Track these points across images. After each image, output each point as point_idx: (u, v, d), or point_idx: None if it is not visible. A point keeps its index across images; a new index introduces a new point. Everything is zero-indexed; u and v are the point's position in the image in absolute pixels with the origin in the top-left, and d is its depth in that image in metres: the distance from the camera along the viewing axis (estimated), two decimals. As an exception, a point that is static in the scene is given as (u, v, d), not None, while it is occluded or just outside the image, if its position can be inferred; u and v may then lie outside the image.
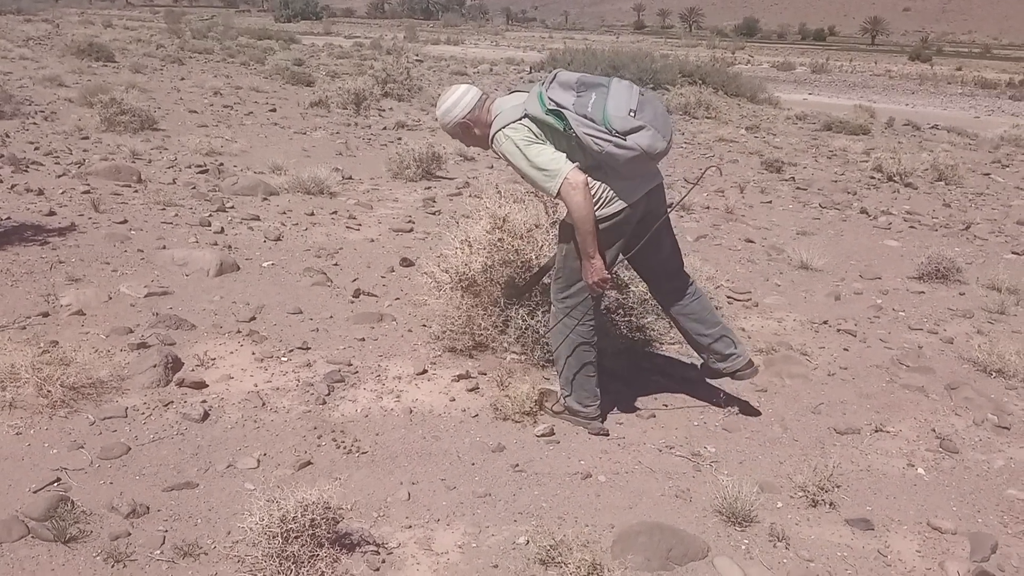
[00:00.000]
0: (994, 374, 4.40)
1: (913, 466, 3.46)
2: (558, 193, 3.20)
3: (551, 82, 3.24)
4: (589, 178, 3.20)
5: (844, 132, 15.12)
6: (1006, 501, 3.24)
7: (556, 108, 3.16)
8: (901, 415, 3.91)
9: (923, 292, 5.84)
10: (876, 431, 3.73)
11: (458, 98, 3.35)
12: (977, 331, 5.09)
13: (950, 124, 19.00)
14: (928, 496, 3.24)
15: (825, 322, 5.08)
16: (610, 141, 3.12)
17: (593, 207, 3.21)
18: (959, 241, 7.49)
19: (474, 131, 3.37)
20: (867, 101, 24.57)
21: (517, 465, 3.25)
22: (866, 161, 11.36)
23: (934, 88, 35.66)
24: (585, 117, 3.14)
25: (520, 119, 3.23)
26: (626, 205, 3.27)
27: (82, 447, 3.14)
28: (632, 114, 3.13)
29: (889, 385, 4.23)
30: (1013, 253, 7.14)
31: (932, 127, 18.08)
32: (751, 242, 6.89)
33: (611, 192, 3.25)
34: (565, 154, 3.21)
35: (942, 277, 6.06)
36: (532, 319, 4.01)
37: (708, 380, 3.97)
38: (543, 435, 3.48)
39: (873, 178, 10.42)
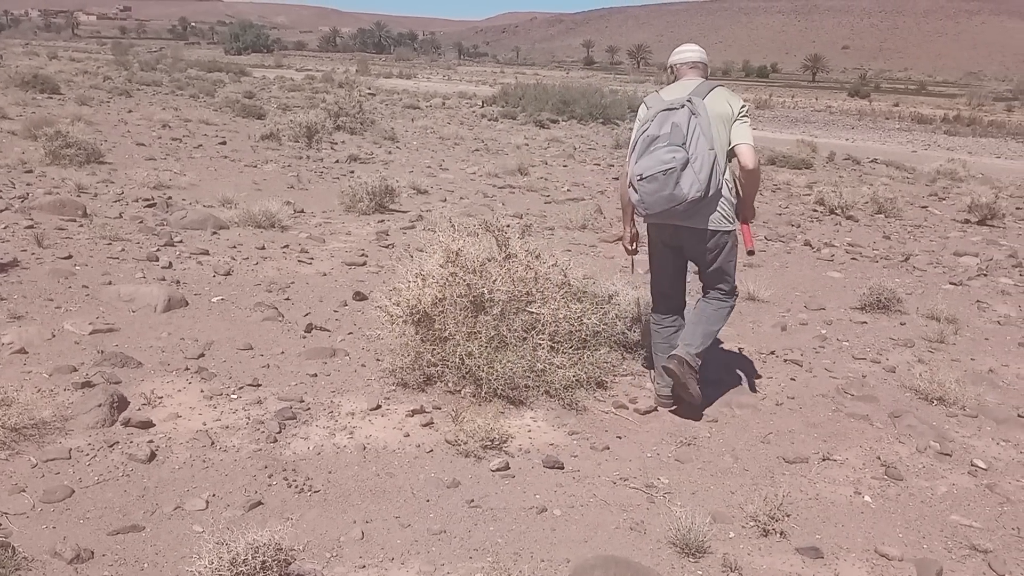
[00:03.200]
0: (935, 402, 4.53)
1: (860, 494, 3.54)
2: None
3: (675, 108, 3.83)
4: None
5: (787, 166, 15.54)
6: (950, 527, 3.32)
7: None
8: (847, 443, 4.00)
9: (866, 322, 6.00)
10: (823, 460, 3.81)
11: (674, 51, 4.18)
12: (918, 360, 5.24)
13: (889, 158, 19.68)
14: (875, 523, 3.31)
15: (772, 352, 5.19)
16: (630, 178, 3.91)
17: (628, 195, 3.99)
18: (899, 272, 7.73)
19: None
20: (809, 136, 25.33)
21: (472, 501, 3.24)
22: (809, 194, 11.69)
23: (873, 123, 36.89)
24: (635, 150, 3.87)
25: (647, 100, 4.05)
26: (642, 220, 4.10)
27: (24, 491, 3.04)
28: (639, 179, 3.79)
29: (835, 414, 4.33)
30: (951, 283, 7.38)
31: (871, 161, 18.69)
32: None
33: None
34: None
35: (883, 307, 6.24)
36: (479, 355, 4.02)
37: (660, 409, 4.17)
38: (498, 469, 3.48)
39: (816, 211, 10.72)
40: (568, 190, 11.12)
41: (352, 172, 10.94)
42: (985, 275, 7.79)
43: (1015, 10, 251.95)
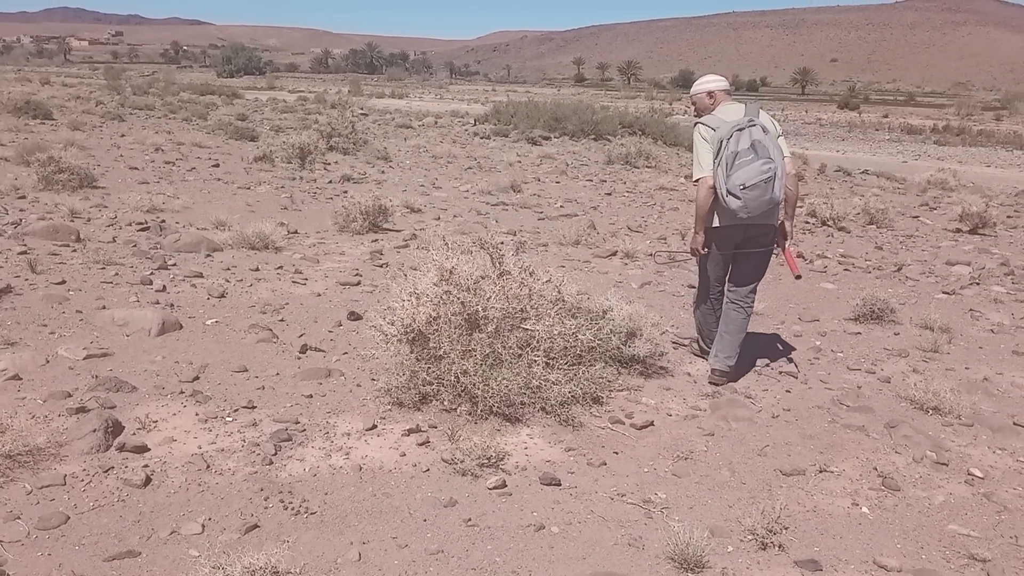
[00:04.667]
0: (931, 411, 4.54)
1: (857, 505, 3.53)
2: (696, 181, 4.61)
3: (744, 127, 4.44)
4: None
5: (780, 179, 15.59)
6: (947, 536, 3.32)
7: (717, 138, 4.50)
8: (844, 455, 4.00)
9: (860, 333, 6.02)
10: (820, 471, 3.81)
11: (704, 81, 4.87)
12: (913, 370, 5.26)
13: (879, 169, 19.81)
14: (873, 535, 3.31)
15: (768, 364, 5.19)
16: (725, 191, 4.44)
17: (708, 205, 4.57)
18: (892, 282, 7.76)
19: (695, 107, 4.83)
20: (800, 148, 25.48)
21: (470, 520, 3.23)
22: (800, 206, 11.73)
23: (863, 135, 37.12)
24: (725, 162, 4.41)
25: (707, 121, 4.63)
26: (719, 225, 4.63)
27: (18, 518, 3.03)
28: (743, 188, 4.36)
29: (831, 425, 4.33)
30: (943, 293, 7.41)
31: (862, 172, 18.80)
32: (694, 287, 7.01)
33: (715, 214, 4.63)
34: (714, 162, 4.50)
35: (877, 318, 6.26)
36: (474, 373, 4.02)
37: (656, 427, 4.16)
38: (495, 487, 3.47)
39: (808, 223, 10.77)
40: (561, 206, 11.15)
41: (345, 192, 10.96)
42: (977, 284, 7.83)
43: (1001, 21, 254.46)
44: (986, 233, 10.78)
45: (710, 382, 4.81)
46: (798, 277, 4.96)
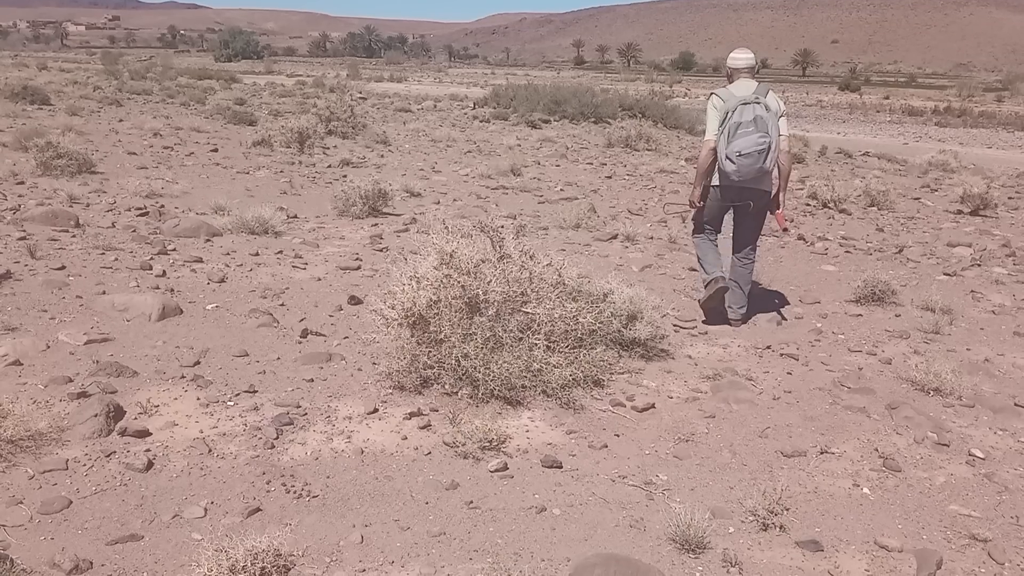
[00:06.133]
0: (932, 393, 4.54)
1: (858, 486, 3.54)
2: (704, 141, 5.36)
3: (750, 103, 5.12)
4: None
5: (780, 161, 15.54)
6: (949, 517, 3.33)
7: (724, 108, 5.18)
8: (845, 436, 4.00)
9: (861, 315, 6.01)
10: (821, 453, 3.81)
11: (731, 57, 5.46)
12: (914, 351, 5.25)
13: (880, 151, 19.74)
14: (874, 515, 3.32)
15: (768, 347, 5.20)
16: (724, 155, 5.17)
17: (709, 164, 5.32)
18: (893, 264, 7.75)
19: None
20: (801, 131, 25.38)
21: (471, 502, 3.24)
22: (801, 189, 11.71)
23: (864, 116, 37.00)
24: (728, 131, 5.10)
25: (719, 93, 5.30)
26: (718, 184, 5.38)
27: (21, 502, 3.03)
28: (739, 155, 5.06)
29: (832, 407, 4.33)
30: (945, 274, 7.40)
31: (863, 154, 18.74)
32: (695, 271, 7.00)
33: (715, 173, 5.35)
34: (720, 128, 5.17)
35: (878, 300, 6.25)
36: (475, 357, 4.01)
37: (657, 409, 4.17)
38: (497, 470, 3.48)
39: (809, 205, 10.74)
40: (561, 190, 11.12)
41: (345, 176, 10.92)
42: (979, 265, 7.81)
43: (1003, 1, 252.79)
44: (987, 214, 10.75)
45: (731, 320, 5.59)
46: (785, 230, 5.99)
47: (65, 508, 3.03)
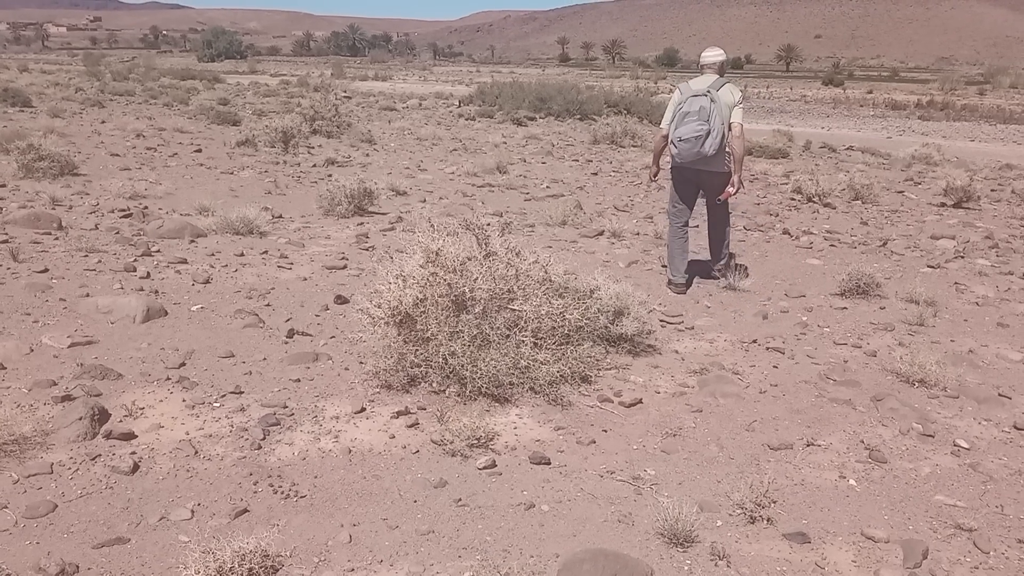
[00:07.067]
0: (916, 384, 4.57)
1: (845, 478, 3.56)
2: (659, 129, 6.24)
3: (698, 95, 5.82)
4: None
5: (764, 156, 15.62)
6: (934, 507, 3.35)
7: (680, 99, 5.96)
8: (831, 428, 4.03)
9: (846, 308, 6.05)
10: (808, 445, 3.83)
11: (704, 54, 6.18)
12: (898, 343, 5.29)
13: (864, 145, 19.85)
14: (860, 506, 3.34)
15: (755, 341, 5.22)
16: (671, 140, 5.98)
17: (660, 148, 6.31)
18: (877, 257, 7.79)
19: None
20: (785, 125, 25.50)
21: (460, 500, 3.24)
22: (786, 183, 11.76)
23: (847, 111, 37.18)
24: (677, 119, 5.89)
25: (680, 87, 6.03)
26: (672, 166, 6.17)
27: (6, 507, 3.01)
28: (680, 140, 5.81)
29: (818, 400, 4.36)
30: (928, 267, 7.45)
31: (847, 148, 18.84)
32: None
33: (671, 154, 6.09)
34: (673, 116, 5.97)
35: (863, 293, 6.28)
36: (462, 354, 4.01)
37: (645, 404, 4.16)
38: (485, 468, 3.47)
39: (793, 199, 10.78)
40: (547, 187, 11.12)
41: (330, 176, 10.89)
42: (962, 257, 7.87)
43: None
44: (970, 207, 10.83)
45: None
46: (725, 201, 6.20)
47: (50, 512, 3.01)
